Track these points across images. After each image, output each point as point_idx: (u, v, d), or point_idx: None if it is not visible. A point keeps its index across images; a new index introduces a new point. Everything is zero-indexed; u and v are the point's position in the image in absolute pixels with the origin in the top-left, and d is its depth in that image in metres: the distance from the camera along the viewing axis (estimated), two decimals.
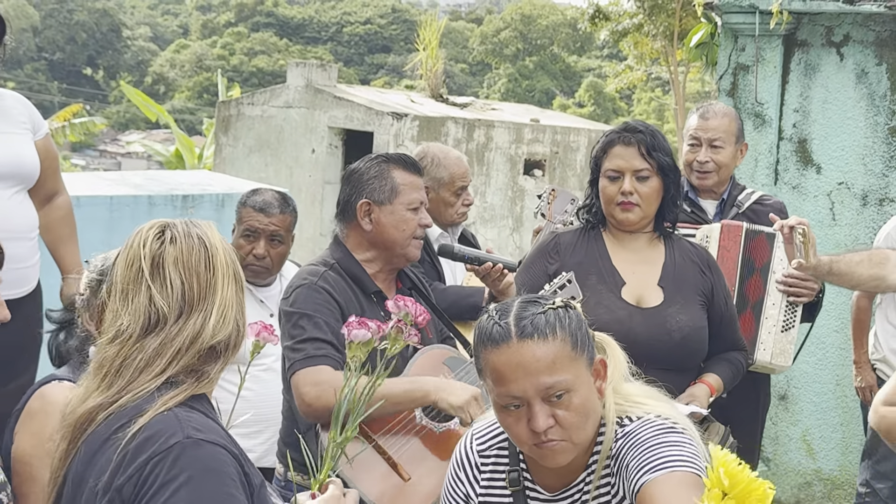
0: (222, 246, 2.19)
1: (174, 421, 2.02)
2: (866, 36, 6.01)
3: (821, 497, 6.23)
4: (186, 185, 7.86)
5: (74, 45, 67.56)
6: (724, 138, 4.42)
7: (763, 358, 4.16)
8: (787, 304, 4.20)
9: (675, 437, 2.31)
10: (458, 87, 53.56)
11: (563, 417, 2.31)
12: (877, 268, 3.58)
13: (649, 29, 25.09)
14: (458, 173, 4.64)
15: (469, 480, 2.59)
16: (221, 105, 15.06)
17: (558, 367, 2.30)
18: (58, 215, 4.57)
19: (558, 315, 2.34)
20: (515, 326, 2.32)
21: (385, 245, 3.48)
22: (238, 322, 2.18)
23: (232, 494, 1.99)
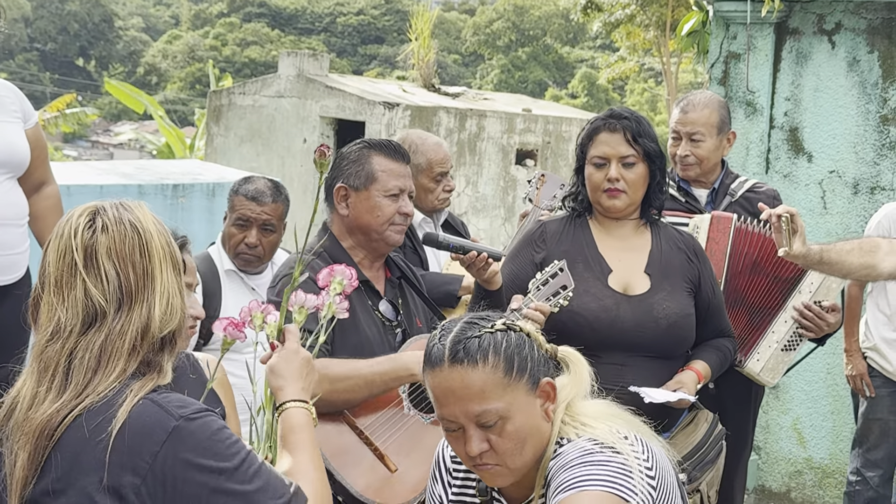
0: (157, 229, 2.12)
1: (156, 409, 1.99)
2: (858, 24, 6.00)
3: (811, 485, 6.23)
4: (177, 175, 7.84)
5: (66, 36, 67.36)
6: (704, 131, 4.38)
7: (753, 368, 4.14)
8: (798, 326, 4.17)
9: (598, 458, 2.22)
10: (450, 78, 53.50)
11: (496, 443, 2.29)
12: (867, 256, 3.57)
13: (642, 19, 25.09)
14: (435, 159, 4.61)
15: (443, 485, 2.58)
16: (213, 95, 15.02)
17: (488, 396, 2.27)
18: (46, 205, 4.56)
19: (494, 340, 2.30)
20: (449, 350, 2.29)
21: (362, 230, 3.46)
22: (182, 310, 2.13)
23: (237, 442, 2.03)
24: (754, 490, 6.37)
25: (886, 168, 5.92)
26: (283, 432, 2.26)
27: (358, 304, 3.39)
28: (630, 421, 2.41)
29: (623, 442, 2.28)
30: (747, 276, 4.16)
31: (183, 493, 1.95)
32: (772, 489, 6.35)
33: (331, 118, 13.41)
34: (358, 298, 3.40)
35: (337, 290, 2.48)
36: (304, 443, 2.23)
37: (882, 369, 5.19)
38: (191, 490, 1.96)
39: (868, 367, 5.25)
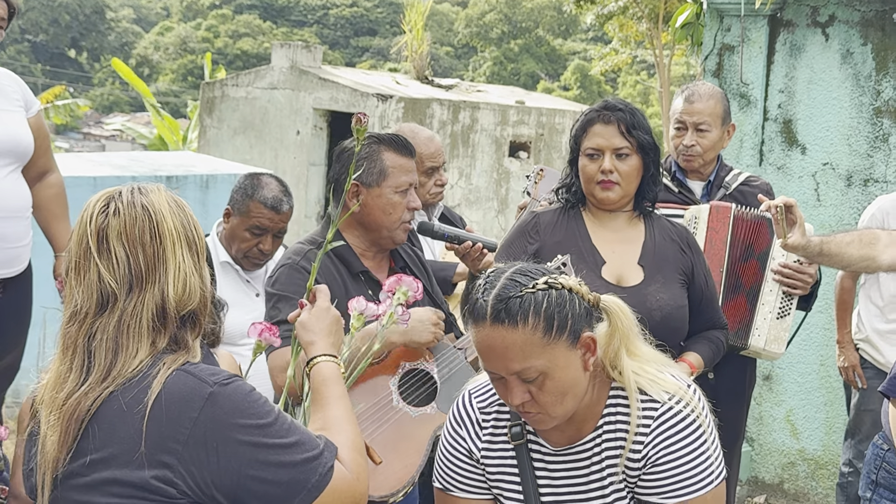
0: (171, 211, 2.16)
1: (190, 378, 2.07)
2: (851, 16, 6.01)
3: (804, 477, 6.25)
4: (170, 166, 7.85)
5: (58, 27, 67.15)
6: (710, 122, 4.39)
7: (757, 343, 4.16)
8: (784, 291, 4.20)
9: (703, 443, 2.46)
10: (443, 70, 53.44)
11: (536, 395, 2.37)
12: (867, 248, 3.57)
13: (634, 11, 25.08)
14: (426, 153, 4.59)
15: (471, 436, 2.62)
16: (206, 87, 15.00)
17: (528, 355, 2.33)
18: (50, 193, 4.56)
19: (535, 299, 2.34)
20: (491, 308, 2.33)
21: (372, 227, 3.46)
22: (202, 289, 2.18)
23: (268, 401, 2.11)
24: (747, 481, 6.39)
25: (880, 160, 5.94)
26: (315, 385, 2.35)
27: (355, 294, 3.39)
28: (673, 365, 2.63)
29: (690, 393, 2.50)
30: (745, 263, 4.18)
31: (226, 454, 2.03)
32: (765, 480, 6.37)
33: (324, 110, 13.39)
34: (357, 289, 3.40)
35: (400, 300, 2.53)
36: (336, 396, 2.32)
37: (874, 361, 5.21)
38: (232, 449, 2.03)
39: (860, 358, 5.26)
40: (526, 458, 2.56)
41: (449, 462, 2.65)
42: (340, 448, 2.18)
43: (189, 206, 2.21)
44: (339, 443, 2.19)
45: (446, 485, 2.66)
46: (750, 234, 4.19)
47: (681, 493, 2.45)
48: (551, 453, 2.56)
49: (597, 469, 2.53)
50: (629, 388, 2.49)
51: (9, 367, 4.50)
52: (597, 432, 2.52)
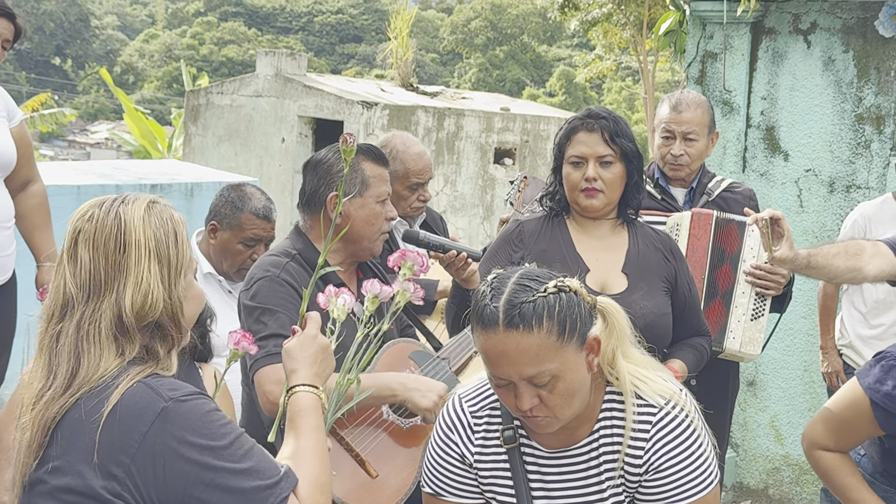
0: (145, 222, 2.14)
1: (147, 391, 2.04)
2: (833, 23, 6.04)
3: (789, 482, 6.26)
4: (155, 175, 7.83)
5: (42, 35, 66.98)
6: (698, 130, 4.38)
7: (732, 346, 4.16)
8: (757, 292, 4.21)
9: (700, 447, 2.52)
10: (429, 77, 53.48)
11: (547, 398, 2.38)
12: (853, 259, 3.58)
13: (619, 18, 25.14)
14: (414, 169, 4.57)
15: (463, 441, 2.62)
16: (190, 94, 14.98)
17: (542, 359, 2.34)
18: (33, 203, 4.54)
19: (548, 303, 2.35)
20: (504, 314, 2.33)
21: (353, 239, 3.42)
22: (168, 302, 2.14)
23: (229, 423, 2.08)
24: (732, 487, 6.40)
25: (862, 167, 5.96)
26: (291, 414, 2.30)
27: None
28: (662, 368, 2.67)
29: (682, 396, 2.55)
30: (720, 267, 4.19)
31: (172, 471, 1.99)
32: (749, 486, 6.39)
33: (309, 118, 13.39)
34: None
35: (406, 275, 2.48)
36: (309, 427, 2.27)
37: (857, 366, 5.22)
38: (179, 467, 2.00)
39: (844, 364, 5.28)
40: (518, 462, 2.57)
41: (440, 466, 2.64)
42: (301, 482, 2.12)
43: (180, 223, 2.18)
44: (300, 476, 2.13)
45: (437, 489, 2.65)
46: (724, 239, 4.20)
47: (684, 497, 2.49)
48: (546, 456, 2.57)
49: (594, 472, 2.55)
50: (625, 390, 2.51)
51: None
52: (594, 436, 2.54)
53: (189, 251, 2.20)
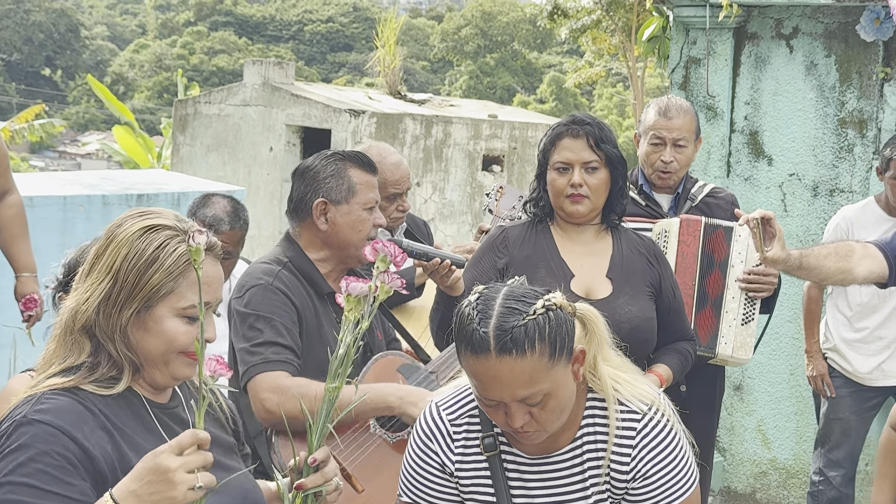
0: (123, 242, 2.16)
1: (28, 403, 2.07)
2: (815, 28, 6.06)
3: (776, 486, 6.27)
4: (141, 185, 7.82)
5: (32, 46, 66.91)
6: (688, 137, 4.37)
7: (724, 351, 4.17)
8: (747, 297, 4.21)
9: (682, 449, 2.54)
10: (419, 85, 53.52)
11: (538, 415, 2.38)
12: (843, 261, 3.60)
13: (607, 24, 25.17)
14: (391, 179, 4.55)
15: (443, 449, 2.60)
16: (178, 104, 14.96)
17: (535, 380, 2.33)
18: (10, 213, 4.54)
19: (538, 325, 2.34)
20: (495, 339, 2.31)
21: (340, 245, 3.44)
22: (105, 319, 2.14)
23: (42, 470, 1.98)
24: (720, 491, 6.41)
25: (845, 170, 5.99)
26: None
27: (324, 316, 3.38)
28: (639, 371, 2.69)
29: (661, 399, 2.57)
30: (711, 274, 4.19)
31: None
32: (737, 490, 6.39)
33: (297, 126, 13.38)
34: (323, 310, 3.39)
35: (381, 269, 2.35)
36: None
37: (842, 370, 5.24)
38: None
39: (829, 367, 5.29)
40: (499, 469, 2.56)
41: (418, 476, 2.63)
42: None
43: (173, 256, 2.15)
44: None
45: (415, 498, 2.64)
46: (712, 245, 4.20)
47: (672, 499, 2.52)
48: (528, 462, 2.56)
49: (577, 479, 2.54)
50: (608, 395, 2.52)
51: None
52: (577, 442, 2.54)
53: (172, 285, 2.16)
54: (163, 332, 2.17)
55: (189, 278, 2.17)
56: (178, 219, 2.22)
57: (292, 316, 3.28)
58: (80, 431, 2.04)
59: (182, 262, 2.16)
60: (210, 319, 2.21)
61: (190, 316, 2.19)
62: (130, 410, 2.15)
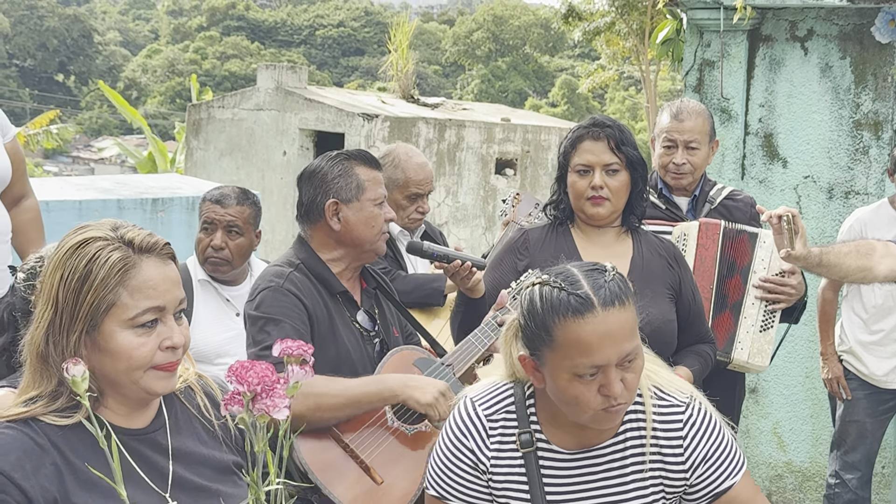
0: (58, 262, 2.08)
1: None
2: (830, 30, 6.05)
3: (792, 489, 6.26)
4: (156, 189, 7.84)
5: (45, 52, 67.18)
6: (700, 139, 4.39)
7: (740, 357, 4.16)
8: (767, 304, 4.20)
9: (724, 430, 2.58)
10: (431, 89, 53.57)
11: (629, 380, 2.39)
12: (864, 259, 3.59)
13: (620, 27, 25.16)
14: (414, 179, 4.58)
15: (478, 446, 2.58)
16: (192, 109, 15.01)
17: (635, 333, 2.38)
18: (26, 218, 4.53)
19: (618, 282, 2.39)
20: (596, 296, 2.34)
21: (354, 243, 3.45)
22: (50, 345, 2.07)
23: None
24: None
25: (860, 172, 5.97)
26: None
27: (336, 315, 3.40)
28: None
29: (693, 388, 2.60)
30: (730, 278, 4.19)
31: None
32: None
33: (310, 130, 13.42)
34: (336, 309, 3.40)
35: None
36: None
37: (858, 372, 5.23)
38: None
39: (844, 370, 5.28)
40: (535, 466, 2.55)
41: (449, 471, 2.61)
42: None
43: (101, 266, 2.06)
44: None
45: (443, 493, 2.62)
46: (734, 250, 4.20)
47: (731, 475, 2.55)
48: (565, 458, 2.55)
49: (617, 473, 2.54)
50: (643, 388, 2.53)
51: None
52: (619, 437, 2.54)
53: (112, 297, 2.05)
54: (117, 350, 2.06)
55: (129, 285, 2.05)
56: (113, 227, 2.10)
57: (302, 317, 3.29)
58: (20, 471, 1.97)
59: (116, 271, 2.04)
60: (171, 323, 2.11)
61: (143, 324, 2.07)
62: (91, 440, 2.02)
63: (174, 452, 2.18)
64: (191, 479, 2.18)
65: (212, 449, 2.26)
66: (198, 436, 2.26)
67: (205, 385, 2.35)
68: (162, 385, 2.12)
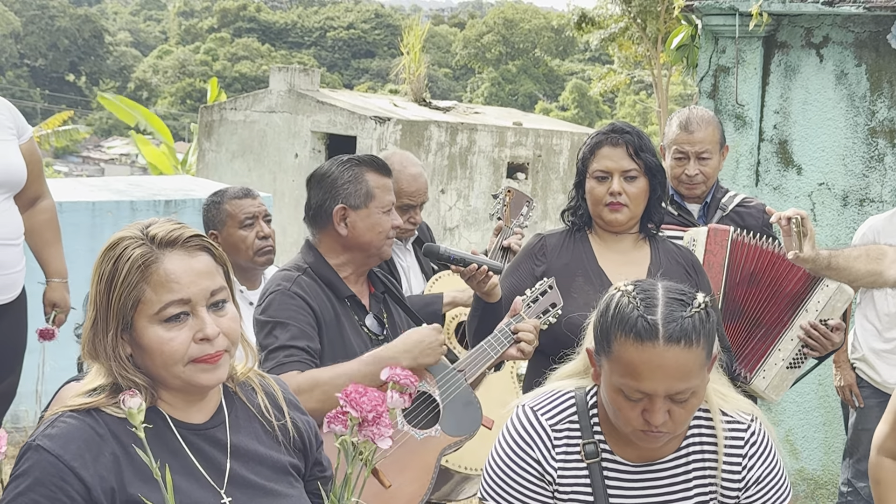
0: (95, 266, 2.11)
1: (45, 424, 2.06)
2: (845, 37, 6.04)
3: (804, 497, 6.25)
4: (169, 191, 7.87)
5: (56, 52, 67.34)
6: (711, 149, 4.38)
7: (758, 385, 4.14)
8: (804, 345, 4.18)
9: (778, 455, 2.60)
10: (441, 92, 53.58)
11: (677, 414, 2.36)
12: (874, 263, 3.58)
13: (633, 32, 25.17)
14: (407, 190, 4.52)
15: (544, 456, 2.55)
16: (204, 110, 15.02)
17: (692, 375, 2.33)
18: (42, 219, 4.55)
19: (702, 320, 2.35)
20: (664, 328, 2.31)
21: (360, 248, 3.46)
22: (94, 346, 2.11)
23: (36, 501, 1.98)
24: None
25: (875, 180, 5.96)
26: None
27: (345, 319, 3.40)
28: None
29: (757, 409, 2.60)
30: (745, 289, 4.16)
31: None
32: None
33: (322, 133, 13.42)
34: (344, 313, 3.41)
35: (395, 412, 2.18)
36: None
37: (871, 380, 5.21)
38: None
39: (857, 377, 5.26)
40: (599, 477, 2.53)
41: (512, 481, 2.56)
42: None
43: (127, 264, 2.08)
44: None
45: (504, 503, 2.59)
46: (753, 262, 4.16)
47: (778, 500, 2.57)
48: (630, 470, 2.54)
49: (681, 488, 2.54)
50: (713, 408, 2.53)
51: (5, 394, 4.50)
52: (682, 451, 2.54)
53: (137, 294, 2.06)
54: (149, 345, 2.07)
55: (152, 280, 2.05)
56: (146, 224, 2.12)
57: (309, 319, 3.30)
58: (80, 460, 2.01)
59: (137, 267, 2.05)
60: (202, 314, 2.10)
61: (170, 318, 2.07)
62: (152, 433, 2.04)
63: (232, 450, 2.19)
64: (247, 477, 2.18)
65: (270, 449, 2.26)
66: (256, 435, 2.25)
67: (266, 385, 2.34)
68: (206, 378, 2.11)
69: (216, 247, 2.18)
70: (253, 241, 4.30)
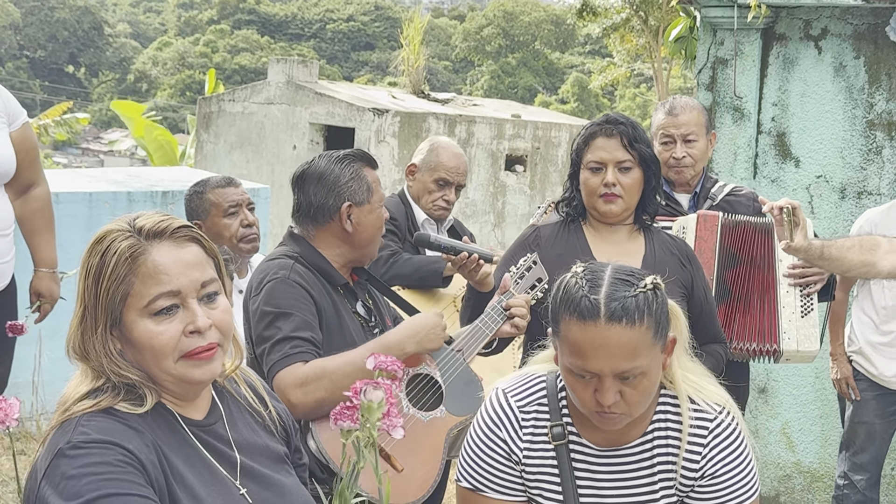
0: (82, 261, 2.08)
1: (68, 430, 1.97)
2: (844, 29, 6.03)
3: (801, 490, 6.25)
4: (166, 182, 7.85)
5: (56, 43, 67.28)
6: (697, 131, 4.45)
7: (790, 347, 4.14)
8: (801, 289, 4.21)
9: (749, 454, 2.56)
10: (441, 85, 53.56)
11: (629, 395, 2.38)
12: (867, 254, 3.58)
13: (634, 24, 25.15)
14: (445, 165, 4.63)
15: (511, 437, 2.60)
16: (202, 101, 15.00)
17: (638, 354, 2.35)
18: (34, 206, 4.46)
19: (647, 299, 2.37)
20: (605, 307, 2.34)
21: (362, 244, 3.48)
22: (82, 342, 2.06)
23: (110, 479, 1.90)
24: None
25: (873, 173, 5.95)
26: None
27: (342, 307, 3.41)
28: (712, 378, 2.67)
29: (732, 403, 2.57)
30: (732, 270, 4.19)
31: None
32: (762, 494, 6.36)
33: (320, 125, 13.40)
34: (340, 301, 3.42)
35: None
36: None
37: (867, 373, 5.22)
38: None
39: (853, 370, 5.27)
40: (566, 459, 2.56)
41: (482, 462, 2.62)
42: None
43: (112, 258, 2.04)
44: None
45: (477, 484, 2.63)
46: (734, 240, 4.20)
47: (736, 501, 2.53)
48: (596, 454, 2.56)
49: (646, 473, 2.55)
50: (680, 393, 2.53)
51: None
52: (647, 437, 2.55)
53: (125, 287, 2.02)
54: (139, 340, 2.02)
55: (140, 272, 2.01)
56: (133, 217, 2.08)
57: (311, 308, 3.30)
58: (131, 443, 1.95)
59: (124, 260, 2.01)
60: (193, 306, 2.06)
61: (160, 311, 2.03)
62: (168, 428, 2.04)
63: (235, 443, 2.18)
64: (255, 468, 2.19)
65: (265, 439, 2.27)
66: (251, 426, 2.26)
67: (245, 377, 2.34)
68: (199, 373, 2.07)
69: (206, 238, 2.15)
70: (237, 230, 4.30)
